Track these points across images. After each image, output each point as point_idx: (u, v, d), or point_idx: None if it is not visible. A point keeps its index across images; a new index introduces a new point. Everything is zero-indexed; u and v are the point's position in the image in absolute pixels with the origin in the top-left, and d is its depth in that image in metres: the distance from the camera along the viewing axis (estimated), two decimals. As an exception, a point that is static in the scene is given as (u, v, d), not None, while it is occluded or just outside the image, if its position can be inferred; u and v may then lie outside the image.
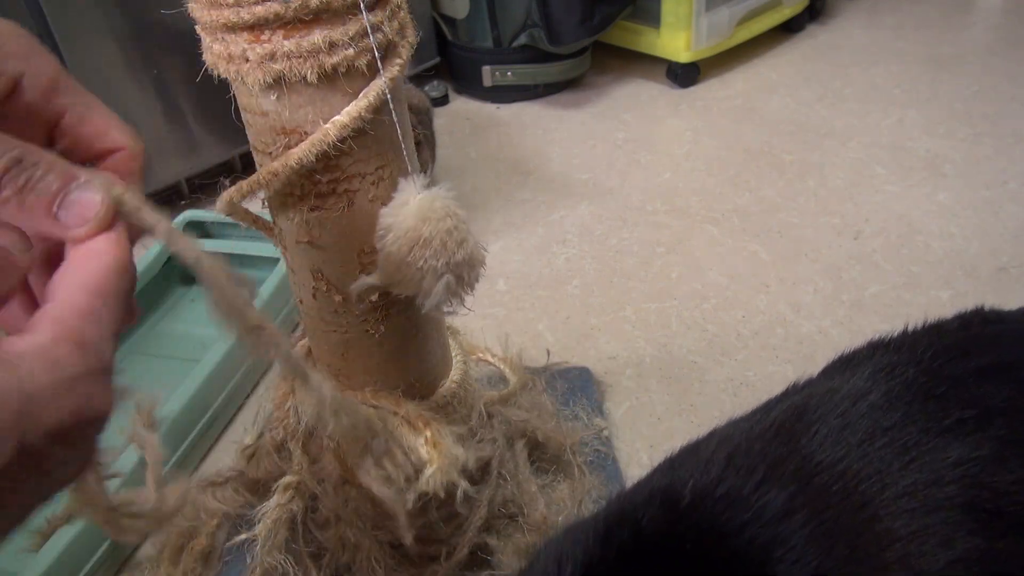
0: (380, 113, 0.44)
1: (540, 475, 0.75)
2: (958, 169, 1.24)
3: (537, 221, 1.21)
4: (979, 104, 1.42)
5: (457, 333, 0.65)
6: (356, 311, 0.50)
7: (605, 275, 1.08)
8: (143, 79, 1.16)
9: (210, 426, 0.86)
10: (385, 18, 0.43)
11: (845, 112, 1.44)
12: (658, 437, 0.83)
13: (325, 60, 0.41)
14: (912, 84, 1.51)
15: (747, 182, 1.26)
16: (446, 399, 0.58)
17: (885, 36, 1.72)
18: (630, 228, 1.17)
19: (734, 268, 1.07)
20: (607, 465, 0.78)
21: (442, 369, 0.59)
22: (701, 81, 1.60)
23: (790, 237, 1.12)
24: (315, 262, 0.49)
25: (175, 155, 1.24)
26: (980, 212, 1.13)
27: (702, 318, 0.99)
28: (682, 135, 1.42)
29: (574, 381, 0.87)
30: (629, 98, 1.57)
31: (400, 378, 0.55)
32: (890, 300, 0.99)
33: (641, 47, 1.61)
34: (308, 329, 0.55)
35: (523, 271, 1.10)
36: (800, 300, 1.00)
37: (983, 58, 1.58)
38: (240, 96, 0.45)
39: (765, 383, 0.88)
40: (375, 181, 0.46)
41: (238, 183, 0.46)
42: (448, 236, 0.44)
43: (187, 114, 1.23)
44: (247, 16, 0.40)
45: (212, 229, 1.14)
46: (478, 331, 0.98)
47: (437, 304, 0.45)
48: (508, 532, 0.67)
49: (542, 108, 1.56)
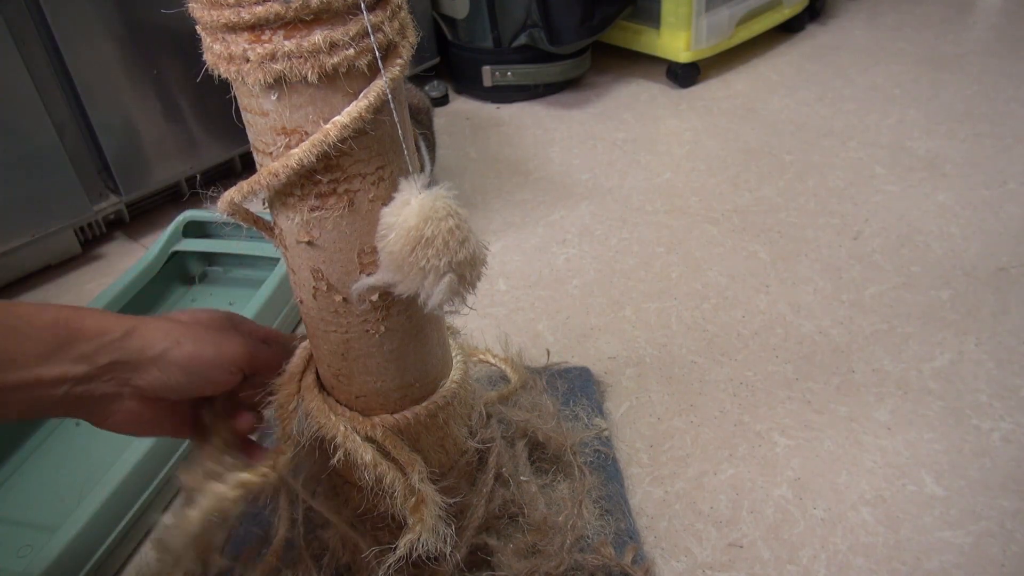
0: (381, 113, 0.44)
1: (540, 475, 0.75)
2: (958, 169, 1.24)
3: (537, 221, 1.21)
4: (979, 104, 1.42)
5: (457, 333, 0.65)
6: (356, 311, 0.50)
7: (605, 275, 1.08)
8: (143, 79, 1.16)
9: (210, 426, 0.86)
10: (386, 18, 0.43)
11: (845, 112, 1.44)
12: (658, 437, 0.83)
13: (326, 60, 0.41)
14: (912, 84, 1.51)
15: (747, 182, 1.26)
16: (446, 399, 0.58)
17: (885, 36, 1.72)
18: (630, 228, 1.17)
19: (734, 268, 1.07)
20: (607, 465, 0.78)
21: (442, 369, 0.59)
22: (701, 81, 1.60)
23: (790, 237, 1.12)
24: (315, 262, 0.49)
25: (175, 155, 1.24)
26: (980, 212, 1.13)
27: (702, 318, 0.99)
28: (682, 135, 1.42)
29: (574, 381, 0.87)
30: (629, 98, 1.57)
31: (400, 378, 0.55)
32: (890, 300, 0.99)
33: (641, 47, 1.61)
34: (308, 329, 0.55)
35: (523, 271, 1.10)
36: (800, 300, 1.00)
37: (983, 58, 1.58)
38: (240, 96, 0.45)
39: (765, 383, 0.88)
40: (375, 181, 0.46)
41: (238, 183, 0.46)
42: (450, 235, 0.44)
43: (187, 114, 1.23)
44: (247, 16, 0.40)
45: (212, 229, 1.14)
46: (478, 331, 0.98)
47: (439, 303, 0.45)
48: (508, 532, 0.67)
49: (542, 108, 1.56)
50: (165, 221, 1.20)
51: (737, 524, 0.73)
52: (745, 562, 0.70)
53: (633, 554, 0.69)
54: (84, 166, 1.16)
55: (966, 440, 0.80)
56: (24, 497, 0.81)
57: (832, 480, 0.77)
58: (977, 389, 0.85)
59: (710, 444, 0.82)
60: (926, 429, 0.81)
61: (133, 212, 1.29)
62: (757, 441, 0.81)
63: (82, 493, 0.80)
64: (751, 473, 0.78)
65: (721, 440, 0.82)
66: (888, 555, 0.70)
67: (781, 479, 0.77)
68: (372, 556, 0.57)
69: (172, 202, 1.33)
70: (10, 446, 0.86)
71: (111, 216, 1.26)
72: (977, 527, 0.71)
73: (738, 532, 0.73)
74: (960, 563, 0.68)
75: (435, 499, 0.54)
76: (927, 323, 0.95)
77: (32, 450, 0.86)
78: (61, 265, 1.22)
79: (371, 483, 0.54)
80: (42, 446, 0.87)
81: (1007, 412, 0.82)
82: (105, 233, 1.27)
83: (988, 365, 0.88)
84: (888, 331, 0.94)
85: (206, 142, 1.27)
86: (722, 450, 0.81)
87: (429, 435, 0.58)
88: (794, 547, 0.71)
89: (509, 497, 0.67)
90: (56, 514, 0.78)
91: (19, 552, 0.74)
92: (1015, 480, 0.75)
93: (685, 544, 0.72)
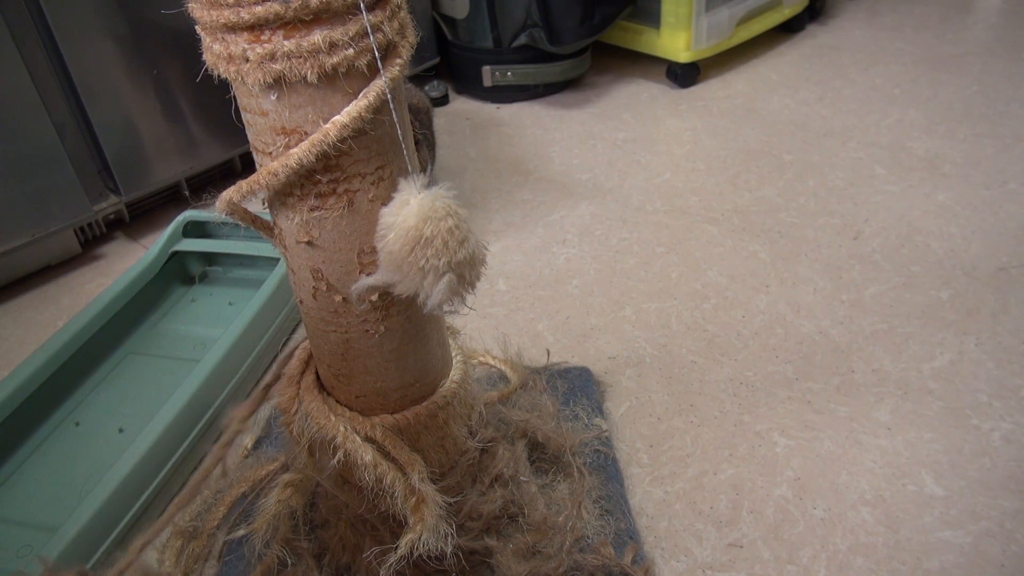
0: (380, 113, 0.44)
1: (540, 475, 0.75)
2: (958, 169, 1.24)
3: (537, 221, 1.21)
4: (979, 104, 1.42)
5: (457, 333, 0.65)
6: (356, 311, 0.50)
7: (605, 275, 1.08)
8: (143, 79, 1.16)
9: (210, 426, 0.86)
10: (385, 18, 0.43)
11: (845, 112, 1.44)
12: (658, 437, 0.83)
13: (325, 60, 0.41)
14: (912, 84, 1.51)
15: (747, 182, 1.26)
16: (446, 399, 0.58)
17: (885, 36, 1.72)
18: (630, 228, 1.17)
19: (734, 268, 1.07)
20: (607, 465, 0.78)
21: (442, 369, 0.59)
22: (701, 81, 1.60)
23: (790, 237, 1.12)
24: (315, 262, 0.49)
25: (175, 155, 1.24)
26: (980, 212, 1.13)
27: (702, 318, 0.99)
28: (682, 135, 1.42)
29: (574, 381, 0.87)
30: (629, 98, 1.57)
31: (400, 378, 0.55)
32: (890, 300, 0.99)
33: (641, 47, 1.61)
34: (308, 329, 0.55)
35: (523, 271, 1.10)
36: (800, 300, 1.00)
37: (983, 58, 1.58)
38: (240, 96, 0.45)
39: (765, 383, 0.88)
40: (375, 181, 0.46)
41: (238, 183, 0.46)
42: (449, 235, 0.44)
43: (187, 114, 1.23)
44: (247, 16, 0.40)
45: (212, 229, 1.14)
46: (478, 331, 0.98)
47: (439, 303, 0.45)
48: (508, 532, 0.67)
49: (542, 108, 1.56)
50: (165, 221, 1.20)
51: (737, 524, 0.73)
52: (745, 562, 0.70)
53: (633, 554, 0.69)
54: (84, 166, 1.16)
55: (966, 440, 0.80)
56: (24, 497, 0.81)
57: (832, 480, 0.77)
58: (977, 389, 0.85)
59: (710, 444, 0.82)
60: (926, 429, 0.81)
61: (133, 212, 1.29)
62: (757, 441, 0.81)
63: (82, 493, 0.80)
64: (751, 473, 0.78)
65: (721, 440, 0.82)
66: (888, 555, 0.69)
67: (781, 479, 0.77)
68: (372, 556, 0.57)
69: (172, 202, 1.33)
70: (10, 446, 0.86)
71: (111, 216, 1.26)
72: (977, 527, 0.71)
73: (738, 532, 0.73)
74: (960, 563, 0.68)
75: (435, 499, 0.54)
76: (927, 323, 0.94)
77: (32, 450, 0.86)
78: (61, 265, 1.22)
79: (371, 483, 0.54)
80: (42, 446, 0.87)
81: (1007, 412, 0.82)
82: (105, 233, 1.27)
83: (988, 365, 0.88)
84: (888, 331, 0.94)
85: (206, 142, 1.27)
86: (722, 450, 0.81)
87: (429, 435, 0.58)
88: (794, 547, 0.71)
89: (509, 497, 0.67)
90: (56, 514, 0.78)
91: (19, 552, 0.74)
92: (1015, 480, 0.75)
93: (685, 544, 0.72)
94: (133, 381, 0.96)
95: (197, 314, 1.07)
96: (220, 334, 0.91)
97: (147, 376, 0.96)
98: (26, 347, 1.05)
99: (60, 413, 0.91)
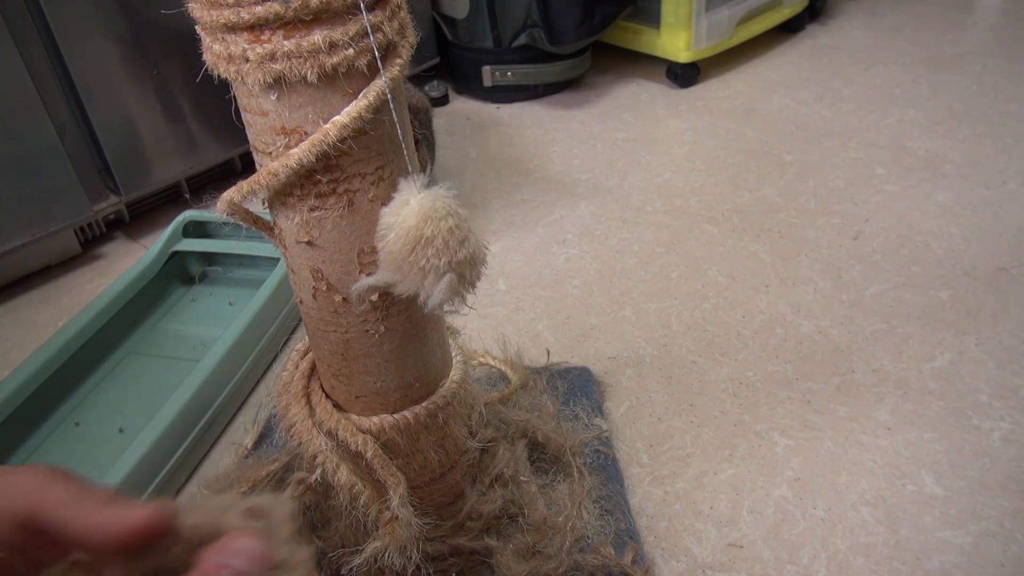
0: (380, 113, 0.44)
1: (540, 475, 0.75)
2: (958, 169, 1.24)
3: (537, 221, 1.21)
4: (979, 104, 1.42)
5: (457, 333, 0.65)
6: (356, 311, 0.50)
7: (605, 275, 1.08)
8: (143, 79, 1.16)
9: (210, 426, 0.86)
10: (385, 18, 0.43)
11: (845, 112, 1.44)
12: (658, 437, 0.83)
13: (325, 60, 0.41)
14: (912, 84, 1.51)
15: (747, 182, 1.26)
16: (446, 399, 0.58)
17: (885, 36, 1.72)
18: (630, 228, 1.17)
19: (734, 268, 1.07)
20: (607, 465, 0.78)
21: (442, 369, 0.59)
22: (701, 81, 1.60)
23: (790, 237, 1.12)
24: (315, 262, 0.49)
25: (175, 155, 1.24)
26: (980, 212, 1.13)
27: (702, 318, 0.99)
28: (682, 135, 1.42)
29: (574, 381, 0.87)
30: (629, 98, 1.57)
31: (400, 378, 0.55)
32: (890, 300, 0.99)
33: (641, 47, 1.61)
34: (308, 329, 0.55)
35: (523, 271, 1.10)
36: (800, 300, 1.00)
37: (983, 58, 1.58)
38: (240, 96, 0.45)
39: (765, 383, 0.88)
40: (375, 181, 0.46)
41: (239, 183, 0.45)
42: (450, 235, 0.44)
43: (187, 114, 1.23)
44: (247, 16, 0.40)
45: (212, 229, 1.14)
46: (478, 331, 0.98)
47: (439, 303, 0.45)
48: (508, 532, 0.67)
49: (542, 108, 1.56)
50: (165, 221, 1.20)
51: (737, 524, 0.73)
52: (745, 562, 0.70)
53: (633, 554, 0.69)
54: (84, 166, 1.16)
55: (966, 440, 0.80)
56: (24, 497, 0.81)
57: (832, 480, 0.77)
58: (977, 389, 0.85)
59: (710, 444, 0.82)
60: (926, 429, 0.81)
61: (133, 212, 1.29)
62: (757, 441, 0.81)
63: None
64: (751, 473, 0.78)
65: (721, 440, 0.82)
66: (888, 555, 0.69)
67: (781, 479, 0.77)
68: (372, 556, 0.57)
69: (172, 202, 1.33)
70: (10, 446, 0.86)
71: (111, 216, 1.26)
72: (977, 527, 0.71)
73: (738, 532, 0.73)
74: (960, 563, 0.68)
75: (411, 521, 0.55)
76: (927, 323, 0.94)
77: (32, 450, 0.86)
78: (61, 265, 1.22)
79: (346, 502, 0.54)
80: (42, 446, 0.87)
81: (1007, 412, 0.82)
82: (105, 233, 1.27)
83: (988, 365, 0.88)
84: (888, 331, 0.94)
85: (206, 142, 1.27)
86: (722, 450, 0.81)
87: (429, 435, 0.58)
88: (794, 547, 0.71)
89: (509, 497, 0.67)
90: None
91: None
92: (1015, 480, 0.75)
93: (685, 544, 0.72)
94: (133, 381, 0.96)
95: (197, 314, 1.07)
96: (220, 334, 0.91)
97: (147, 376, 0.96)
98: (26, 347, 1.05)
99: (60, 413, 0.91)
